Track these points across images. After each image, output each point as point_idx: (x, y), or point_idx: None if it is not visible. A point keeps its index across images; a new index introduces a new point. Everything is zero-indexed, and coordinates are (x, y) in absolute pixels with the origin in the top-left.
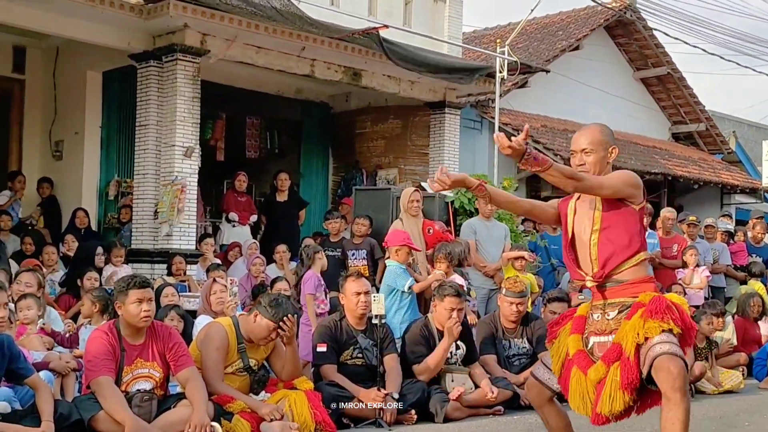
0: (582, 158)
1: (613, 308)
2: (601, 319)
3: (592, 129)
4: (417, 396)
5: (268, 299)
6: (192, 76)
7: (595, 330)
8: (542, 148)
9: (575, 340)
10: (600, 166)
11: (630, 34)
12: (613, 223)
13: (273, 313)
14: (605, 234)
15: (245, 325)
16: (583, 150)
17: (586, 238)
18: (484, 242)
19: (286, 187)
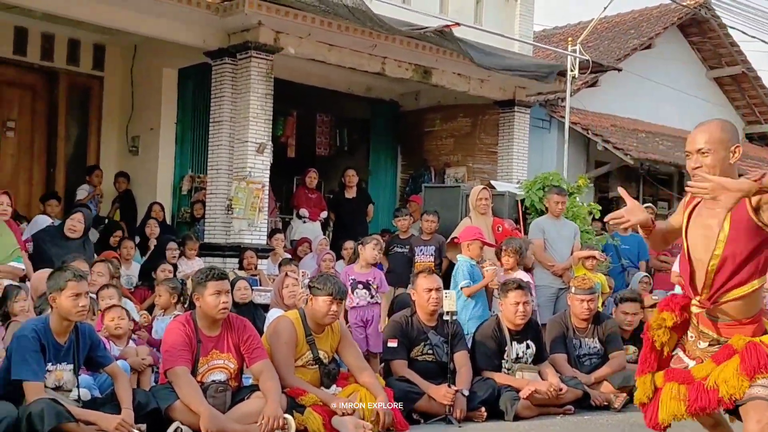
0: (699, 160)
1: (705, 339)
2: (693, 342)
3: (711, 125)
4: (487, 393)
5: (316, 279)
6: (265, 73)
7: (684, 346)
8: (612, 148)
9: (673, 338)
10: (720, 168)
11: (704, 32)
12: (740, 245)
13: (322, 286)
14: (728, 258)
15: (309, 314)
16: (700, 150)
17: (703, 259)
18: (553, 241)
19: (354, 183)
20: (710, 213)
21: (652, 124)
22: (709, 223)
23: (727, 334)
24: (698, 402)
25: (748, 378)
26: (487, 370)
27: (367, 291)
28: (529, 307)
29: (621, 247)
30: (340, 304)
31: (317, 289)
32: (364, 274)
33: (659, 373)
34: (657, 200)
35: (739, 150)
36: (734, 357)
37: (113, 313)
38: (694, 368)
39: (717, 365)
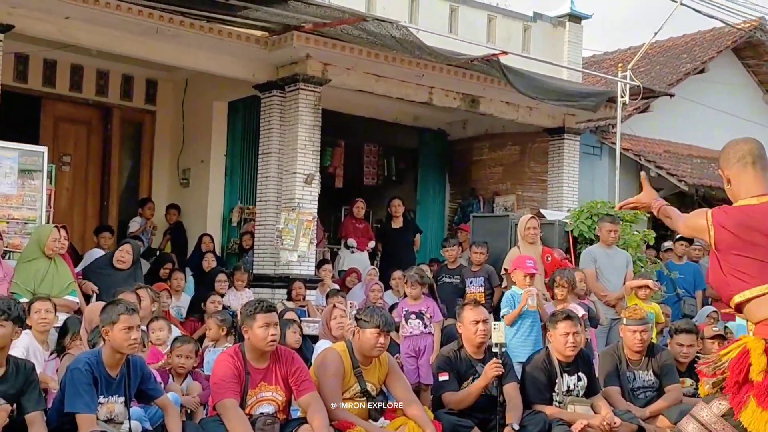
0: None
1: None
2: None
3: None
4: (538, 428)
5: (364, 311)
6: (313, 104)
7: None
8: (665, 174)
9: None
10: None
11: (760, 55)
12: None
13: (369, 318)
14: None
15: (356, 346)
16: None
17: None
18: (605, 270)
19: (400, 213)
20: None
21: (707, 149)
22: None
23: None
24: None
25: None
26: (537, 403)
27: (420, 321)
28: (579, 338)
29: (676, 278)
30: (387, 336)
31: (364, 321)
32: (417, 305)
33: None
34: None
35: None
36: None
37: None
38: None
39: None
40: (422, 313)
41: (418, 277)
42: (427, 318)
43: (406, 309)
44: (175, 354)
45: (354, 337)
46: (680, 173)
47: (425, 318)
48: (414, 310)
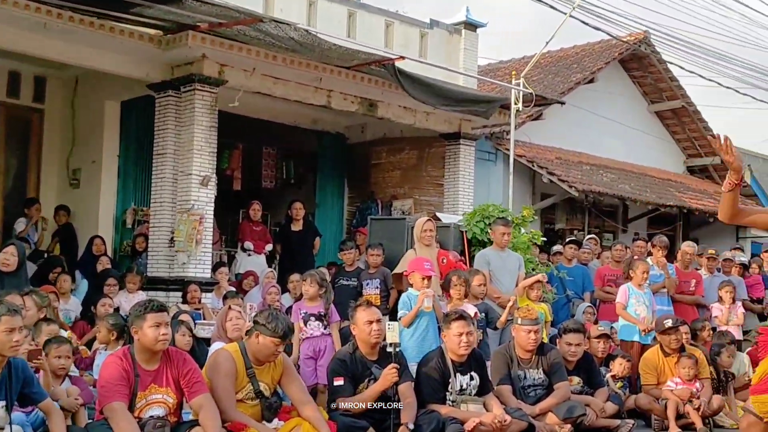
0: None
1: None
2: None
3: None
4: (432, 426)
5: (264, 316)
6: (210, 105)
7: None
8: (557, 180)
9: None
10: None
11: (645, 67)
12: None
13: (273, 328)
14: None
15: (251, 348)
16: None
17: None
18: (498, 273)
19: (301, 216)
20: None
21: (597, 157)
22: None
23: None
24: None
25: None
26: (431, 402)
27: (320, 322)
28: (472, 337)
29: (566, 279)
30: (285, 344)
31: (265, 327)
32: (315, 307)
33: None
34: (602, 232)
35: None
36: None
37: (60, 351)
38: None
39: None
40: (321, 315)
41: (318, 277)
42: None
43: (305, 311)
44: (54, 355)
45: (249, 339)
46: (571, 179)
47: (324, 320)
48: (313, 312)
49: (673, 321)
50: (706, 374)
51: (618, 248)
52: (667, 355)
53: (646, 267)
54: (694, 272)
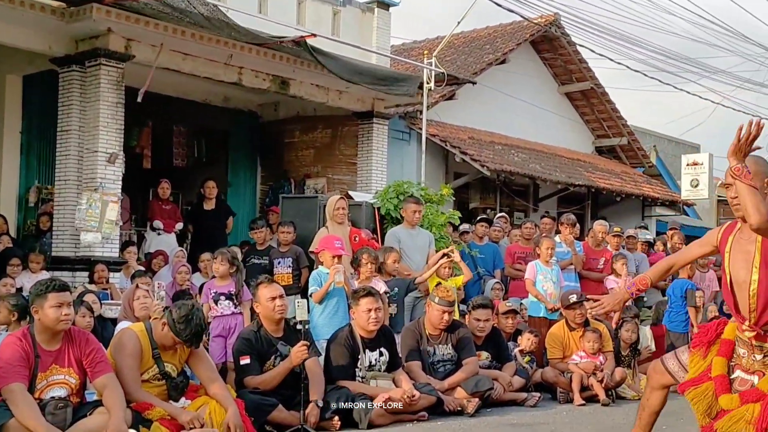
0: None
1: (761, 351)
2: (748, 357)
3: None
4: (341, 402)
5: (179, 314)
6: (116, 81)
7: (740, 364)
8: (469, 160)
9: (722, 363)
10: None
11: (555, 49)
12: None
13: (178, 330)
14: (763, 284)
15: (156, 331)
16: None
17: (743, 284)
18: (409, 250)
19: (214, 195)
20: (748, 239)
21: (508, 137)
22: (748, 248)
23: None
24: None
25: None
26: (340, 378)
27: (230, 301)
28: (381, 313)
29: (477, 257)
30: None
31: (174, 324)
32: (225, 286)
33: (729, 396)
34: (513, 211)
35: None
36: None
37: None
38: (760, 383)
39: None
40: (232, 294)
41: (228, 255)
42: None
43: (215, 290)
44: None
45: (158, 322)
46: (483, 159)
47: (235, 298)
48: (223, 291)
49: (578, 296)
50: (610, 348)
51: (527, 226)
52: (572, 329)
53: (551, 243)
54: (604, 250)
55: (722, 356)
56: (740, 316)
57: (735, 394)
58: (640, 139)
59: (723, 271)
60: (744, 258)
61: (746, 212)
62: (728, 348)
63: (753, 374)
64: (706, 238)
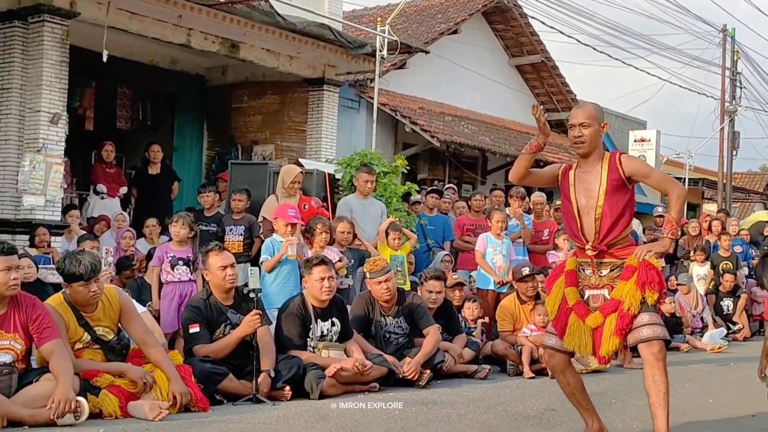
0: (580, 131)
1: (606, 267)
2: (594, 276)
3: (588, 106)
4: (292, 372)
5: (60, 264)
6: (60, 39)
7: (588, 284)
8: (419, 130)
9: (573, 292)
10: (596, 138)
11: (507, 20)
12: (616, 200)
13: (70, 274)
14: (608, 209)
15: (72, 297)
16: (582, 124)
17: (590, 210)
18: (360, 220)
19: (159, 159)
20: (592, 173)
21: (459, 108)
22: (590, 180)
23: (620, 257)
24: (624, 319)
25: (643, 290)
26: (292, 348)
27: (187, 267)
28: (334, 282)
29: (427, 227)
30: (98, 282)
31: (64, 276)
32: (183, 251)
33: (593, 315)
34: (462, 183)
35: (606, 126)
36: (633, 275)
37: None
38: (613, 293)
39: (626, 281)
40: (189, 259)
41: (189, 219)
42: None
43: (173, 254)
44: None
45: (66, 290)
46: (433, 129)
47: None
48: (182, 256)
49: (530, 269)
50: None
51: (477, 198)
52: (523, 302)
53: (501, 216)
54: (548, 221)
55: (571, 286)
56: (582, 239)
57: (596, 312)
58: None
59: (568, 201)
60: (588, 188)
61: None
62: (573, 277)
63: (602, 288)
64: (548, 168)
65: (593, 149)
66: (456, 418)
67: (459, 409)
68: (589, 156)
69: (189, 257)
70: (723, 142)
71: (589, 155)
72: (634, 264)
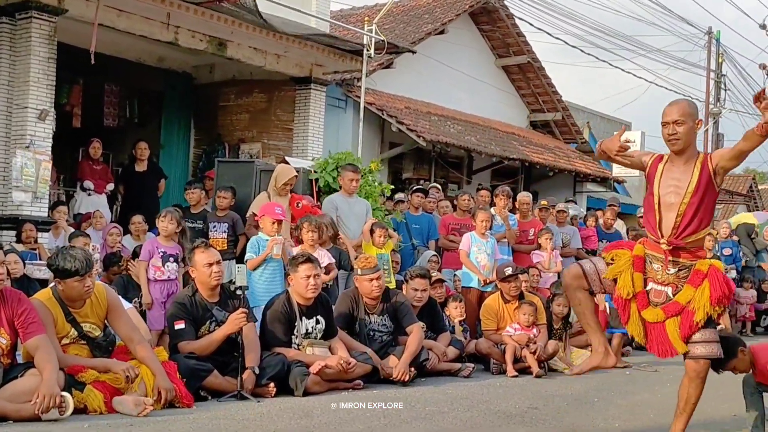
0: (674, 128)
1: (674, 266)
2: (662, 272)
3: (683, 102)
4: (276, 369)
5: (53, 260)
6: (48, 35)
7: (653, 278)
8: (406, 129)
9: (639, 278)
10: (691, 136)
11: (494, 21)
12: (701, 199)
13: (65, 270)
14: (692, 207)
15: (62, 293)
16: (675, 121)
17: (674, 206)
18: (345, 218)
19: (146, 156)
20: (682, 170)
21: (445, 108)
22: (680, 177)
23: (690, 259)
24: (685, 326)
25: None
26: (277, 345)
27: (177, 264)
28: (319, 280)
29: (411, 227)
30: (92, 277)
31: (58, 271)
32: (173, 247)
33: (654, 311)
34: (447, 182)
35: (701, 123)
36: (705, 282)
37: None
38: (678, 296)
39: (696, 288)
40: (179, 256)
41: (177, 214)
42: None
43: (163, 250)
44: None
45: (57, 285)
46: (419, 129)
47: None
48: (172, 253)
49: (513, 269)
50: (543, 320)
51: (464, 198)
52: (506, 301)
53: (487, 216)
54: (533, 221)
55: (638, 271)
56: (658, 233)
57: (658, 308)
58: (574, 115)
59: (651, 194)
60: (675, 184)
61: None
62: (641, 263)
63: (666, 286)
64: (640, 153)
65: (687, 146)
66: (439, 416)
67: (442, 407)
68: (683, 153)
69: (178, 254)
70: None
71: (683, 152)
72: (703, 269)
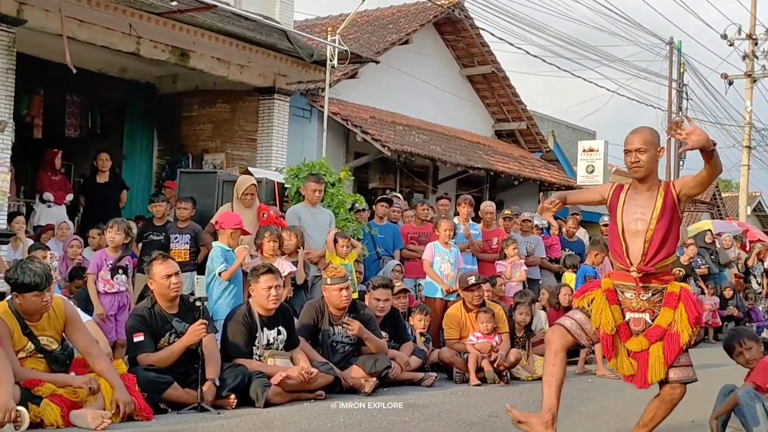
0: (637, 156)
1: (647, 291)
2: (635, 299)
3: (644, 131)
4: (237, 380)
5: (11, 273)
6: (7, 46)
7: (629, 307)
8: (371, 139)
9: (617, 310)
10: (653, 163)
11: (458, 31)
12: (666, 224)
13: (25, 283)
14: (659, 233)
15: (19, 307)
16: (638, 149)
17: (640, 233)
18: (309, 229)
19: (107, 168)
20: (642, 199)
21: (409, 118)
22: (643, 204)
23: (660, 283)
24: (672, 350)
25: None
26: (238, 356)
27: (126, 276)
28: (281, 291)
29: (377, 236)
30: (50, 291)
31: (16, 285)
32: (123, 259)
33: (638, 339)
34: (413, 192)
35: (662, 151)
36: (680, 305)
37: None
38: (658, 320)
39: (674, 310)
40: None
41: (125, 225)
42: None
43: (111, 262)
44: None
45: (14, 299)
46: (384, 139)
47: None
48: (121, 264)
49: (476, 278)
50: (505, 329)
51: (423, 207)
52: (469, 310)
53: (450, 225)
54: (497, 230)
55: (614, 304)
56: (627, 261)
57: (641, 337)
58: (539, 124)
59: (615, 224)
60: (640, 212)
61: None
62: (613, 296)
63: (643, 312)
64: (597, 188)
65: (650, 173)
66: (400, 425)
67: (404, 417)
68: (645, 180)
69: (127, 265)
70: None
71: (646, 179)
72: (676, 291)
